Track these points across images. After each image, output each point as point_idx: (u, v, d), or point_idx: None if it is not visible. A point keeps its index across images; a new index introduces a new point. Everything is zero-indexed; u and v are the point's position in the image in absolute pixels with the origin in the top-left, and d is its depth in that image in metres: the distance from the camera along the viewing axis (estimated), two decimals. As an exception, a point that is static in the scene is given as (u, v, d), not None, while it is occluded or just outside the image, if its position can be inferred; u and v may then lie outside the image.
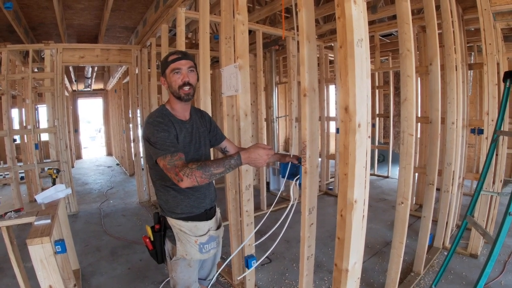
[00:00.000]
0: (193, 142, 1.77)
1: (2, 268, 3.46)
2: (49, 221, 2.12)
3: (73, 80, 10.84)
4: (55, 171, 3.17)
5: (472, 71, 5.17)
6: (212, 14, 3.25)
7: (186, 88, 1.67)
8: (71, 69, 9.06)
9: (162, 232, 1.78)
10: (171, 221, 1.73)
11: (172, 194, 1.71)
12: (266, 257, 2.51)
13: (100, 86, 13.37)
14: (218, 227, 1.91)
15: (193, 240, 1.72)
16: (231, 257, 2.62)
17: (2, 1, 3.95)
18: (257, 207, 2.90)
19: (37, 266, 1.85)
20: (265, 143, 5.58)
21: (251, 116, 2.64)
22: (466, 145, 4.18)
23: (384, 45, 6.42)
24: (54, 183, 3.09)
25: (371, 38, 5.56)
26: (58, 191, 2.75)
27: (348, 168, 1.47)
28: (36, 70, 6.51)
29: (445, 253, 3.33)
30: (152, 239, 1.78)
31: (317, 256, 2.09)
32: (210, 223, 1.82)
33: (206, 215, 1.82)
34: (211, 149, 2.04)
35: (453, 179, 3.42)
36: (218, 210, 1.97)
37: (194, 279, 1.82)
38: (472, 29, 4.91)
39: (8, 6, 4.11)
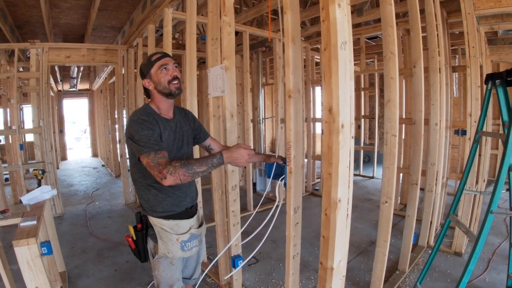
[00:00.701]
0: (176, 141, 1.79)
1: (-14, 271, 3.40)
2: (35, 222, 2.10)
3: (59, 80, 10.69)
4: (40, 172, 3.13)
5: (456, 73, 5.28)
6: (199, 15, 3.26)
7: (175, 82, 1.72)
8: (56, 68, 8.94)
9: (144, 231, 1.80)
10: (153, 220, 1.75)
11: (153, 192, 1.73)
12: (253, 257, 2.53)
13: (86, 86, 13.18)
14: (200, 225, 1.93)
15: (175, 238, 1.74)
16: (218, 256, 2.63)
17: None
18: (244, 208, 2.92)
19: (23, 268, 1.83)
20: (251, 144, 5.61)
21: (237, 117, 2.66)
22: (450, 146, 4.27)
23: (370, 47, 6.51)
24: (39, 184, 3.05)
25: (357, 41, 5.63)
26: (43, 192, 2.71)
27: (332, 168, 1.50)
28: (21, 69, 6.40)
29: (430, 252, 3.39)
30: (134, 238, 1.81)
31: (303, 255, 2.11)
32: (192, 221, 1.85)
33: (187, 214, 1.84)
34: (197, 148, 2.05)
35: (436, 179, 3.49)
36: (199, 209, 2.00)
37: (177, 277, 1.84)
38: (457, 32, 5.02)
39: (-6, 4, 4.05)
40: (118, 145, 6.64)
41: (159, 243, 1.74)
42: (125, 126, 6.04)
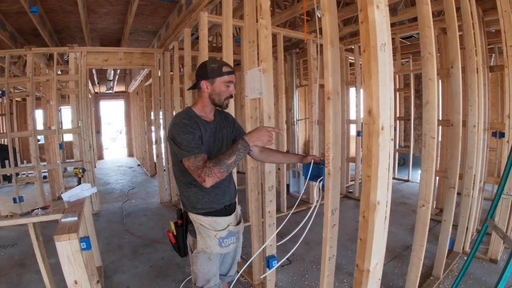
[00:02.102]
0: (216, 142, 1.86)
1: (25, 264, 3.57)
2: (76, 218, 2.16)
3: (96, 83, 11.07)
4: (81, 170, 3.26)
5: (492, 73, 5.09)
6: (233, 18, 3.30)
7: (230, 99, 1.86)
8: (93, 71, 9.26)
9: (184, 226, 1.88)
10: (192, 216, 1.83)
11: (194, 190, 1.81)
12: (287, 258, 2.53)
13: (122, 88, 13.62)
14: (238, 223, 1.99)
15: (213, 234, 1.81)
16: (253, 256, 2.66)
17: (28, 5, 4.07)
18: (277, 209, 2.94)
19: (63, 262, 1.88)
20: (285, 146, 5.62)
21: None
22: (487, 149, 4.12)
23: (405, 47, 6.37)
24: (79, 182, 3.18)
25: (392, 41, 5.49)
26: (84, 190, 2.81)
27: (371, 170, 1.49)
28: (59, 72, 6.68)
29: (465, 258, 3.28)
30: (175, 233, 1.89)
31: (336, 258, 2.10)
32: (230, 219, 1.91)
33: (226, 211, 1.90)
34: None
35: (474, 183, 3.38)
36: (238, 207, 2.05)
37: (214, 273, 1.89)
38: (493, 31, 4.84)
39: (34, 11, 4.23)
40: (154, 146, 6.82)
41: (198, 239, 1.81)
42: (161, 127, 6.22)
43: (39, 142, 5.41)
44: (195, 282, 1.91)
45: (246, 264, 2.24)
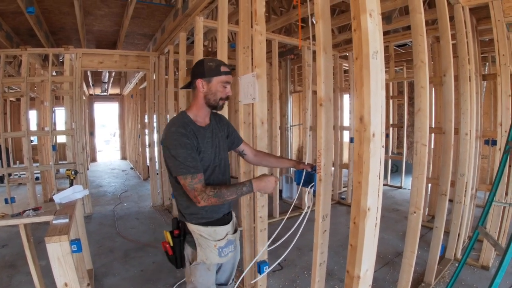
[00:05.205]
0: (213, 147, 1.81)
1: (15, 266, 3.55)
2: (67, 220, 2.16)
3: (90, 85, 11.04)
4: (73, 172, 3.25)
5: (486, 81, 5.14)
6: (229, 23, 3.32)
7: (225, 100, 1.81)
8: (88, 73, 9.22)
9: (182, 237, 1.82)
10: (191, 227, 1.77)
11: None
12: (278, 264, 2.53)
13: (116, 91, 13.57)
14: (234, 231, 1.94)
15: (213, 244, 1.76)
16: (248, 267, 2.63)
17: (25, 5, 4.06)
18: (270, 214, 2.94)
19: (53, 264, 1.87)
20: (279, 151, 5.62)
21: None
22: (480, 156, 4.15)
23: (399, 55, 6.42)
24: (71, 184, 3.17)
25: (386, 48, 5.56)
26: (75, 192, 2.80)
27: (362, 176, 1.50)
28: (54, 73, 6.65)
29: (456, 265, 3.30)
30: (171, 244, 1.82)
31: (328, 264, 2.10)
32: (228, 227, 1.86)
33: (224, 220, 1.86)
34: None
35: (465, 190, 3.40)
36: (234, 215, 2.01)
37: (212, 282, 1.86)
38: (486, 40, 4.90)
39: (30, 11, 4.21)
40: (147, 149, 6.80)
41: (198, 250, 1.75)
42: (155, 131, 6.21)
43: (32, 143, 5.38)
44: None
45: (243, 274, 2.24)
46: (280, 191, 6.11)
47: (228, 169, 1.97)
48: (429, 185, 4.90)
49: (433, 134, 4.77)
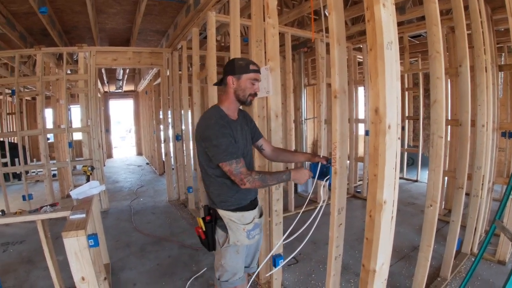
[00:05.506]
0: (242, 139, 1.96)
1: (33, 261, 3.63)
2: (84, 215, 2.18)
3: (105, 82, 11.16)
4: (89, 168, 3.29)
5: (502, 72, 5.03)
6: (241, 17, 3.30)
7: (254, 96, 1.95)
8: (103, 71, 9.33)
9: (213, 222, 1.97)
10: (222, 213, 1.92)
11: (225, 188, 1.91)
12: (293, 257, 2.54)
13: (131, 87, 13.72)
14: (260, 215, 2.11)
15: (242, 228, 1.91)
16: (265, 259, 2.62)
17: (37, 5, 4.11)
18: (285, 208, 2.96)
19: (71, 258, 1.89)
20: (293, 145, 5.63)
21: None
22: (497, 149, 4.07)
23: (413, 46, 6.30)
24: (88, 180, 3.21)
25: (400, 39, 5.47)
26: (92, 188, 2.84)
27: (378, 169, 1.49)
28: (68, 71, 6.74)
29: (473, 259, 3.26)
30: (203, 229, 1.98)
31: (343, 258, 2.10)
32: (255, 212, 2.02)
33: (251, 205, 2.02)
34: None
35: (482, 183, 3.34)
36: (259, 200, 2.18)
37: (240, 266, 2.00)
38: (502, 30, 4.77)
39: (43, 11, 4.27)
40: (162, 145, 6.84)
41: (229, 233, 1.90)
42: (170, 126, 6.23)
43: (48, 141, 5.47)
44: (220, 277, 1.99)
45: (259, 269, 2.26)
46: (295, 185, 6.11)
47: (253, 161, 2.17)
48: (446, 178, 4.83)
49: (449, 126, 4.68)
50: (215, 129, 1.76)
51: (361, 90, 7.04)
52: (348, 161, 5.79)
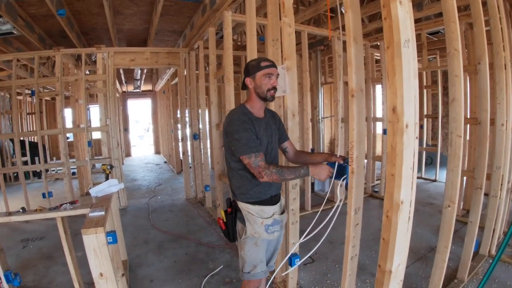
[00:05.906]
0: (267, 137, 2.03)
1: (52, 257, 3.72)
2: (103, 213, 2.23)
3: (123, 82, 11.33)
4: (108, 167, 3.37)
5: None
6: (257, 16, 3.31)
7: (273, 91, 1.98)
8: (121, 71, 9.47)
9: (233, 214, 2.07)
10: (241, 204, 2.01)
11: (245, 181, 1.98)
12: (309, 257, 2.54)
13: (148, 87, 13.93)
14: (282, 212, 2.15)
15: (260, 221, 1.97)
16: (283, 261, 2.62)
17: (55, 8, 4.20)
18: (301, 207, 2.94)
19: (90, 255, 1.93)
20: (310, 144, 5.63)
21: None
22: (517, 148, 3.98)
23: (432, 43, 6.18)
24: (107, 178, 3.28)
25: (418, 36, 5.37)
26: (111, 186, 2.89)
27: (395, 169, 1.48)
28: (87, 72, 6.88)
29: (491, 261, 3.19)
30: (225, 220, 2.09)
31: (360, 258, 2.09)
32: (275, 208, 2.07)
33: (271, 201, 2.06)
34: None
35: (501, 183, 3.26)
36: (282, 198, 2.22)
37: (260, 259, 2.03)
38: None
39: (61, 13, 4.36)
40: (180, 143, 6.92)
41: (247, 225, 1.98)
42: (187, 125, 6.32)
43: (68, 140, 5.59)
44: (242, 268, 2.05)
45: (282, 263, 2.28)
46: (312, 184, 6.10)
47: (277, 159, 2.20)
48: (464, 178, 4.73)
49: (468, 125, 4.59)
50: (237, 124, 1.85)
51: (378, 88, 6.95)
52: (365, 160, 5.75)
